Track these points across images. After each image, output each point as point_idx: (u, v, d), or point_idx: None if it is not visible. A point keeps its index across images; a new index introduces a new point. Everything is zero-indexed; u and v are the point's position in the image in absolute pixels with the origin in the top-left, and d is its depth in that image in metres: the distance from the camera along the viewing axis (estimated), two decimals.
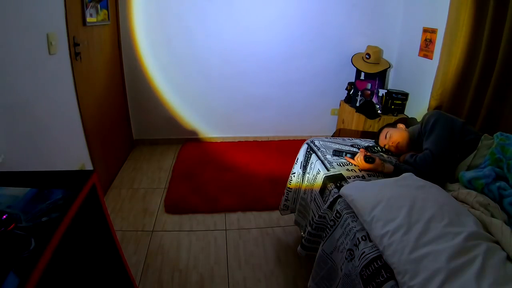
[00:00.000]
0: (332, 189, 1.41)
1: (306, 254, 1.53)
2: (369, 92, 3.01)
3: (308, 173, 1.73)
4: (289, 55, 3.07)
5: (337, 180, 1.45)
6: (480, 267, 0.87)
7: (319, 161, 1.64)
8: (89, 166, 2.07)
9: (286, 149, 3.12)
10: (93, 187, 0.99)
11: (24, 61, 1.43)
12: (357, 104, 2.98)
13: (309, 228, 1.49)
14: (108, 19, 2.44)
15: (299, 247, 1.56)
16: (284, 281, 1.67)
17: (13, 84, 1.35)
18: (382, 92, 2.95)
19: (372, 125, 2.82)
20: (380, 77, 3.01)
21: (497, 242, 1.00)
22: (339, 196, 1.34)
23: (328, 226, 1.33)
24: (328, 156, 1.64)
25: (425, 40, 2.62)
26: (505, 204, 1.18)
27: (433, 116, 1.54)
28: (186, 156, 2.95)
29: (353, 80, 3.12)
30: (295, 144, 3.05)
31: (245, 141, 3.34)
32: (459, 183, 1.38)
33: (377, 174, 1.51)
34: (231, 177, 2.59)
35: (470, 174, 1.33)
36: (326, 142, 1.80)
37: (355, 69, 3.05)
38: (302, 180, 1.80)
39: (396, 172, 1.46)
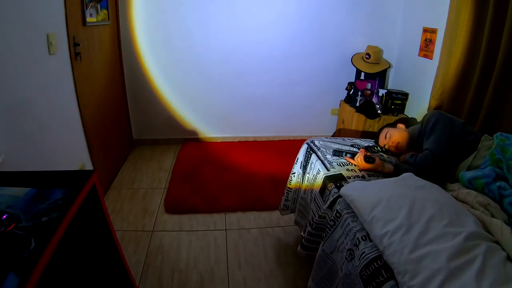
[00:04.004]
0: (332, 189, 1.41)
1: (306, 254, 1.53)
2: (369, 92, 3.01)
3: (308, 173, 1.73)
4: (289, 55, 3.07)
5: (337, 180, 1.45)
6: (480, 267, 0.87)
7: (319, 161, 1.64)
8: (89, 166, 2.07)
9: (286, 149, 3.12)
10: (93, 187, 0.99)
11: (24, 61, 1.43)
12: (357, 104, 2.98)
13: (309, 228, 1.49)
14: (108, 19, 2.44)
15: (299, 247, 1.56)
16: (284, 281, 1.67)
17: (13, 84, 1.35)
18: (382, 92, 2.95)
19: (372, 125, 2.82)
20: (380, 77, 3.01)
21: (497, 242, 1.00)
22: (339, 196, 1.34)
23: (328, 226, 1.33)
24: (328, 156, 1.64)
25: (425, 40, 2.62)
26: (505, 204, 1.18)
27: (434, 116, 1.54)
28: (186, 156, 2.95)
29: (353, 80, 3.12)
30: (295, 144, 3.05)
31: (245, 141, 3.34)
32: (459, 183, 1.38)
33: (377, 174, 1.51)
34: (231, 177, 2.59)
35: (470, 173, 1.33)
36: (326, 142, 1.80)
37: (355, 69, 3.05)
38: (302, 180, 1.80)
39: (396, 172, 1.46)
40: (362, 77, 3.06)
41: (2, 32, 1.27)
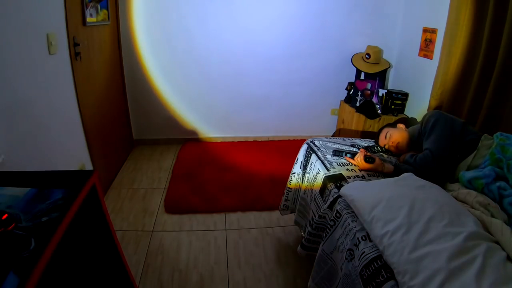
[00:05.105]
0: (332, 189, 1.41)
1: (306, 254, 1.53)
2: (369, 92, 3.01)
3: (308, 173, 1.73)
4: (289, 55, 3.07)
5: (337, 180, 1.45)
6: (480, 267, 0.87)
7: (319, 161, 1.64)
8: (89, 166, 2.07)
9: (286, 149, 3.12)
10: (93, 187, 0.99)
11: (24, 61, 1.43)
12: (357, 104, 2.98)
13: (309, 228, 1.49)
14: (108, 19, 2.44)
15: (299, 247, 1.55)
16: (284, 281, 1.67)
17: (13, 84, 1.35)
18: (382, 92, 2.95)
19: (372, 125, 2.82)
20: (380, 77, 3.01)
21: (497, 242, 1.00)
22: (339, 196, 1.34)
23: (328, 226, 1.33)
24: (328, 156, 1.64)
25: (425, 40, 2.62)
26: (505, 204, 1.18)
27: (433, 116, 1.54)
28: (186, 156, 2.95)
29: (353, 80, 3.12)
30: (295, 144, 3.05)
31: (245, 141, 3.34)
32: (459, 183, 1.38)
33: (377, 174, 1.51)
34: (231, 177, 2.59)
35: (470, 174, 1.33)
36: (326, 142, 1.80)
37: (355, 69, 3.05)
38: (302, 180, 1.80)
39: (396, 172, 1.46)
40: (362, 77, 3.06)
41: (2, 32, 1.27)
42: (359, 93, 3.01)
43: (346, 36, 3.06)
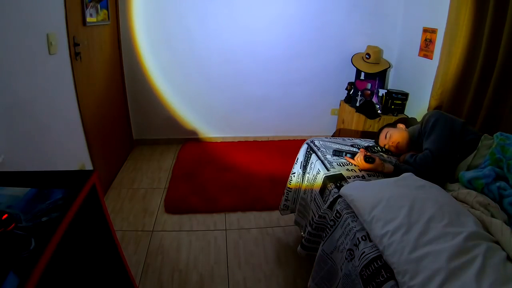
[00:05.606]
0: (332, 189, 1.41)
1: (306, 254, 1.53)
2: (369, 92, 3.01)
3: (308, 173, 1.73)
4: (289, 55, 3.07)
5: (337, 180, 1.45)
6: (480, 267, 0.87)
7: (319, 161, 1.64)
8: (89, 166, 2.07)
9: (286, 149, 3.12)
10: (93, 187, 0.99)
11: (24, 61, 1.42)
12: (357, 104, 2.98)
13: (309, 228, 1.49)
14: (108, 19, 2.44)
15: (299, 247, 1.56)
16: (284, 281, 1.67)
17: (13, 84, 1.35)
18: (382, 92, 2.95)
19: (372, 125, 2.82)
20: (380, 77, 3.01)
21: (497, 242, 1.00)
22: (339, 196, 1.34)
23: (328, 226, 1.33)
24: (328, 156, 1.64)
25: (425, 40, 2.62)
26: (505, 204, 1.18)
27: (433, 116, 1.54)
28: (186, 156, 2.95)
29: (353, 80, 3.12)
30: (295, 144, 3.05)
31: (245, 141, 3.34)
32: (459, 183, 1.38)
33: (377, 174, 1.51)
34: (231, 177, 2.59)
35: (470, 174, 1.33)
36: (326, 142, 1.80)
37: (355, 69, 3.05)
38: (302, 180, 1.80)
39: (396, 172, 1.46)
40: (362, 77, 3.06)
41: (2, 32, 1.27)
42: (359, 93, 3.01)
43: (346, 36, 3.06)
